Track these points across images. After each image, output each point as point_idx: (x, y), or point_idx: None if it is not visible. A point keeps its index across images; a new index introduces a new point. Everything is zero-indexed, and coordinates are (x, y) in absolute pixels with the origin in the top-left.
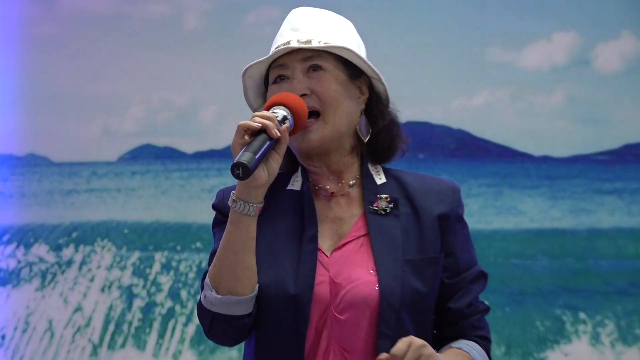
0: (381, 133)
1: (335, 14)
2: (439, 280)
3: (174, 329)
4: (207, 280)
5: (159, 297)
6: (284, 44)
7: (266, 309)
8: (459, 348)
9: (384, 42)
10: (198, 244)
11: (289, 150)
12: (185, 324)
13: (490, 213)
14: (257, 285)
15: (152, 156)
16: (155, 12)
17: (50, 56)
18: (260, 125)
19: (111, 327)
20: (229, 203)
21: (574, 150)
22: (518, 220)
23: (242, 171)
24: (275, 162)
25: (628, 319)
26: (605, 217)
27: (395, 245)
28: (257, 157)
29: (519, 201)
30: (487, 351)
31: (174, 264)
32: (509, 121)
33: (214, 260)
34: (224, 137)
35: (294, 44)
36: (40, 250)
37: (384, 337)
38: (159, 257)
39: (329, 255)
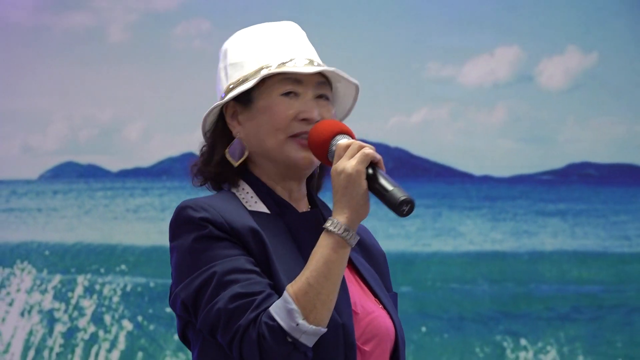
0: (325, 167)
1: None
2: None
3: (97, 355)
4: (293, 306)
5: (82, 322)
6: (307, 59)
7: (319, 339)
8: None
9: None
10: (123, 267)
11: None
12: (109, 350)
13: (429, 235)
14: None
15: (74, 174)
16: (78, 23)
17: None
18: (379, 158)
19: (31, 353)
20: (335, 229)
21: (515, 170)
22: (457, 242)
23: (409, 208)
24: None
25: (571, 345)
26: (548, 239)
27: (377, 279)
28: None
29: (458, 223)
30: None
31: (97, 287)
32: (449, 139)
33: (305, 287)
34: (150, 155)
35: (324, 67)
36: None
37: None
38: (82, 280)
39: None
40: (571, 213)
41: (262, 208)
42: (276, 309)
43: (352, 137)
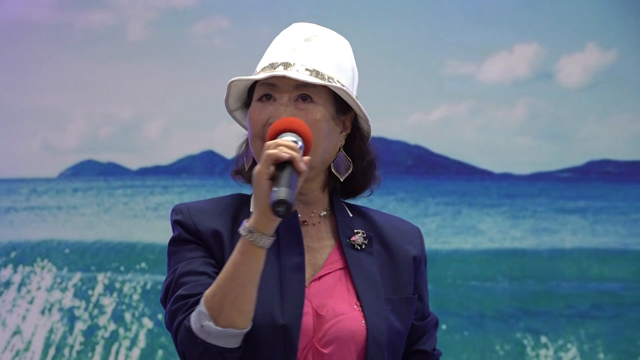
0: (357, 173)
1: (335, 34)
2: (412, 322)
3: (117, 353)
4: (202, 308)
5: (102, 320)
6: (282, 64)
7: (253, 339)
8: None
9: None
10: (143, 265)
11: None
12: (130, 348)
13: (449, 233)
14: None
15: (94, 172)
16: (98, 21)
17: None
18: (289, 156)
19: (52, 351)
20: (242, 232)
21: (535, 168)
22: (477, 240)
23: (285, 209)
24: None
25: (591, 343)
26: (568, 237)
27: (375, 282)
28: (292, 191)
29: (478, 220)
30: None
31: (117, 285)
32: (468, 137)
33: (214, 289)
34: (170, 153)
35: (292, 72)
36: None
37: None
38: (102, 278)
39: (307, 286)
40: (591, 210)
41: None
42: (194, 311)
43: (302, 134)
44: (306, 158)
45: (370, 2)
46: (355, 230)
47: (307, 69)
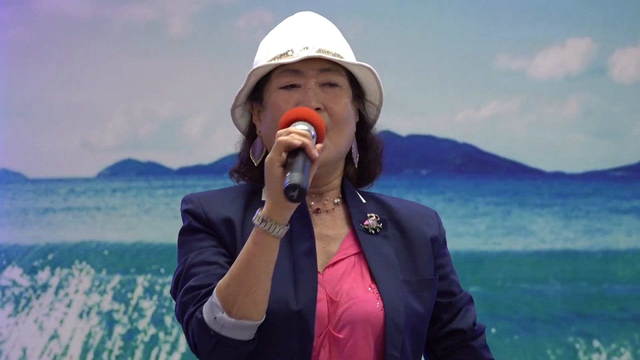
0: (372, 161)
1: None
2: (434, 304)
3: (157, 357)
4: (215, 300)
5: (142, 324)
6: (303, 48)
7: (268, 327)
8: None
9: (384, 47)
10: None
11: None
12: (170, 352)
13: (499, 233)
14: None
15: (134, 172)
16: (138, 15)
17: (24, 63)
18: (301, 143)
19: (90, 356)
20: (255, 221)
21: (588, 166)
22: (528, 241)
23: (297, 193)
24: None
25: None
26: (622, 237)
27: (392, 265)
28: (306, 177)
29: (529, 221)
30: None
31: (157, 288)
32: (519, 134)
33: (227, 280)
34: (212, 151)
35: (315, 52)
36: (14, 273)
37: (393, 359)
38: (142, 281)
39: (321, 273)
40: None
41: None
42: (206, 303)
43: (315, 122)
44: (319, 146)
45: None
46: (369, 215)
47: (326, 51)
